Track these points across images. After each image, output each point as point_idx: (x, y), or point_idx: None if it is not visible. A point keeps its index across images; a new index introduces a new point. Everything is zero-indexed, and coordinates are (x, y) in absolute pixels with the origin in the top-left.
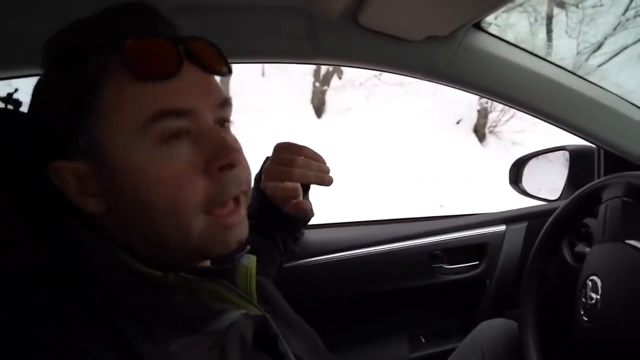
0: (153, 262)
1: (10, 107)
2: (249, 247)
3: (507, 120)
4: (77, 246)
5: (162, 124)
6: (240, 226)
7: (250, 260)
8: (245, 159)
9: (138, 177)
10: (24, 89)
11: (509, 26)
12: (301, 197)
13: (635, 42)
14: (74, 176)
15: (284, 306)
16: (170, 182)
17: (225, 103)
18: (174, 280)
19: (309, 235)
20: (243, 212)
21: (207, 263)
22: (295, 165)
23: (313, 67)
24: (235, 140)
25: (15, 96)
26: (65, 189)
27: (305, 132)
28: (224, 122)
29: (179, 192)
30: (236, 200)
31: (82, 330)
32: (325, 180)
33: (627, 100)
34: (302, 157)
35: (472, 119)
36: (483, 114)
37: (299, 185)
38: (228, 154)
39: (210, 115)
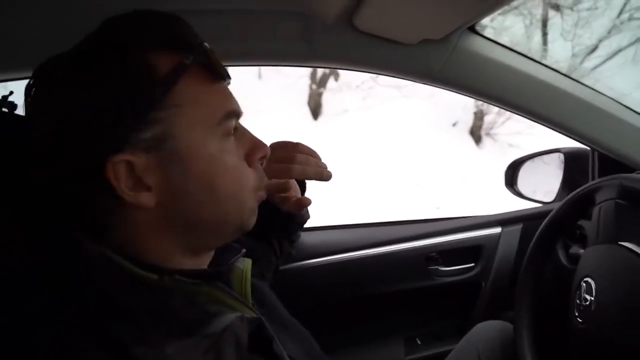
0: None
1: (5, 109)
2: (244, 250)
3: (503, 123)
4: (73, 249)
5: (229, 122)
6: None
7: (245, 263)
8: None
9: (212, 166)
10: (19, 91)
11: (504, 29)
12: (299, 195)
13: (629, 45)
14: (128, 170)
15: (280, 309)
16: (236, 170)
17: None
18: (169, 282)
19: (305, 238)
20: None
21: (204, 265)
22: (294, 162)
23: (309, 69)
24: None
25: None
26: (119, 182)
27: (302, 134)
28: None
29: (242, 178)
30: None
31: (79, 332)
32: (324, 175)
33: (620, 103)
34: (300, 154)
35: (468, 121)
36: (479, 116)
37: (296, 186)
38: (264, 147)
39: None
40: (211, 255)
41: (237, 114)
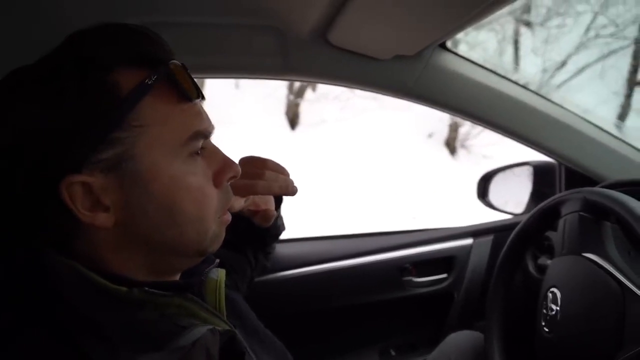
0: (190, 252)
1: None
2: (217, 260)
3: (478, 135)
4: (39, 264)
5: (195, 142)
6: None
7: (219, 274)
8: None
9: (173, 188)
10: None
11: (478, 43)
12: (272, 208)
13: (596, 62)
14: (84, 190)
15: (255, 321)
16: (199, 192)
17: None
18: (139, 295)
19: (280, 249)
20: None
21: (176, 277)
22: (261, 178)
23: None
24: None
25: None
26: (74, 203)
27: (279, 144)
28: None
29: (205, 201)
30: None
31: (44, 352)
32: (290, 190)
33: (585, 120)
34: (268, 171)
35: (444, 132)
36: (454, 128)
37: (270, 198)
38: (234, 167)
39: None
40: (179, 273)
41: (205, 134)
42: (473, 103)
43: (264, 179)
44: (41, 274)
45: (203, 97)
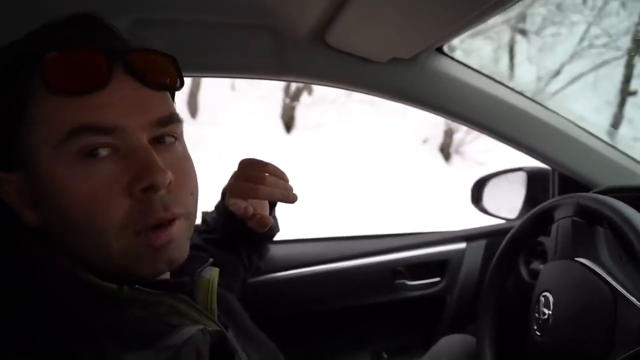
0: (106, 275)
1: None
2: (211, 259)
3: (472, 141)
4: (25, 260)
5: (80, 140)
6: (172, 246)
7: (212, 273)
8: (189, 179)
9: (59, 192)
10: None
11: (473, 51)
12: (266, 213)
13: (590, 71)
14: (14, 187)
15: (247, 321)
16: (87, 200)
17: (167, 120)
18: (129, 293)
19: (274, 251)
20: (177, 233)
21: (167, 276)
22: (263, 183)
23: (283, 82)
24: (181, 159)
25: None
26: (9, 199)
27: (274, 147)
28: (163, 139)
29: (96, 211)
30: (170, 222)
31: (29, 351)
32: (290, 198)
33: (579, 126)
34: (269, 175)
35: (439, 138)
36: (449, 134)
37: (265, 203)
38: (152, 175)
39: (143, 133)
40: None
41: (97, 128)
42: (468, 107)
43: (265, 184)
44: (27, 271)
45: (100, 88)
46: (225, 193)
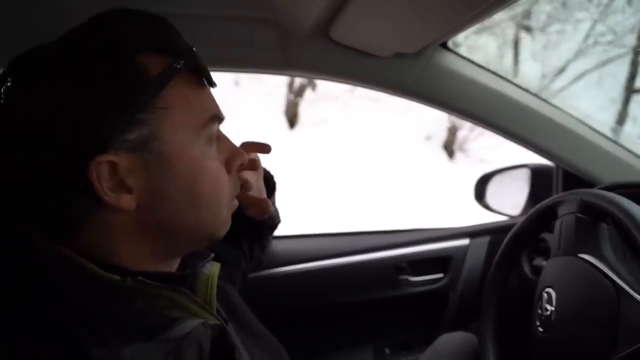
0: (199, 239)
1: None
2: (212, 254)
3: (475, 138)
4: (27, 253)
5: (212, 126)
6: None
7: (212, 269)
8: None
9: (194, 170)
10: None
11: (478, 47)
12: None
13: (594, 69)
14: (110, 171)
15: (248, 315)
16: (216, 176)
17: None
18: (131, 284)
19: (275, 246)
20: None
21: (173, 267)
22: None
23: (287, 78)
24: None
25: None
26: (100, 183)
27: (277, 143)
28: None
29: (220, 184)
30: None
31: (29, 341)
32: (266, 149)
33: (584, 123)
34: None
35: (442, 136)
36: (452, 131)
37: (262, 187)
38: (244, 156)
39: None
40: (178, 261)
41: (220, 118)
42: (472, 103)
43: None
44: (29, 260)
45: (215, 84)
46: None
